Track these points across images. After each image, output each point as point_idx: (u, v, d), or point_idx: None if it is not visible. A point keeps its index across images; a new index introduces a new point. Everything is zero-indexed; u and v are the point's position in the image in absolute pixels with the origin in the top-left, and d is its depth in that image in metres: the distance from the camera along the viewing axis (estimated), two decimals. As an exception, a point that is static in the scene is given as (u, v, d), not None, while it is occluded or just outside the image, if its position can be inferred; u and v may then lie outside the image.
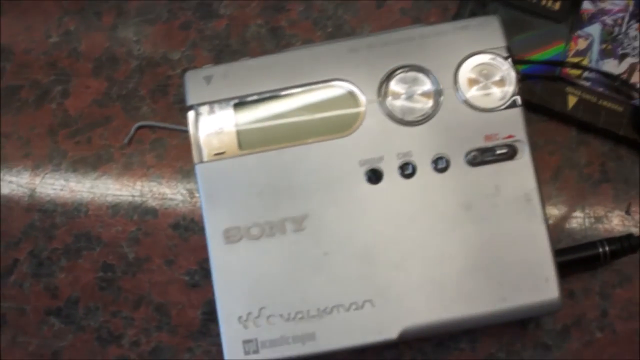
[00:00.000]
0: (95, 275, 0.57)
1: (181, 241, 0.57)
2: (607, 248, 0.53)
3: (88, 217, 0.57)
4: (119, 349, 0.56)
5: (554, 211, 0.56)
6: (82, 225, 0.57)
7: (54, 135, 0.59)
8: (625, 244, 0.53)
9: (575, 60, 0.57)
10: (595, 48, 0.57)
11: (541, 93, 0.56)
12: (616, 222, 0.56)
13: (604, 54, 0.57)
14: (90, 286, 0.56)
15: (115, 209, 0.57)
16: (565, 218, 0.56)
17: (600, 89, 0.56)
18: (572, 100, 0.56)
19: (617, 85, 0.56)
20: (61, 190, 0.58)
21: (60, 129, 0.59)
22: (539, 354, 0.54)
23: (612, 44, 0.57)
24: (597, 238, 0.54)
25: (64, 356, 0.56)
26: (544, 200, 0.49)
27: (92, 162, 0.58)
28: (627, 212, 0.56)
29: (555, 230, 0.56)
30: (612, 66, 0.56)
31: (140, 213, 0.57)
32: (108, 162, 0.58)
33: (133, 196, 0.58)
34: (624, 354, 0.54)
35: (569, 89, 0.56)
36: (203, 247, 0.50)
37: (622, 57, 0.57)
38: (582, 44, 0.57)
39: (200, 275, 0.56)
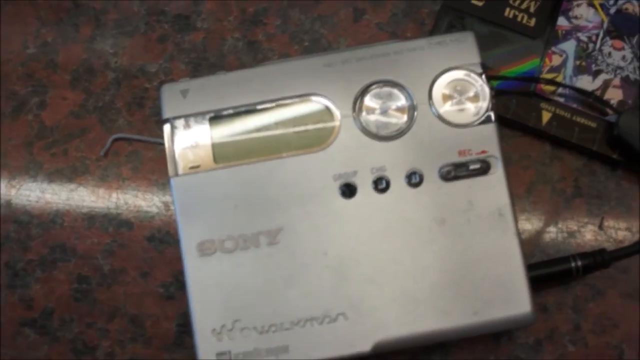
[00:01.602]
0: (71, 286, 0.56)
1: (156, 253, 0.57)
2: (579, 263, 0.53)
3: (63, 229, 0.57)
4: (94, 360, 0.56)
5: (527, 226, 0.57)
6: (57, 237, 0.57)
7: (30, 146, 0.59)
8: (598, 259, 0.53)
9: (550, 76, 0.57)
10: (570, 64, 0.57)
11: (515, 108, 0.57)
12: (589, 237, 0.56)
13: (578, 71, 0.57)
14: (65, 297, 0.56)
15: (91, 221, 0.57)
16: (538, 233, 0.56)
17: (574, 105, 0.57)
18: (546, 116, 0.57)
19: (591, 101, 0.56)
20: (37, 201, 0.58)
21: (36, 141, 0.59)
22: (512, 367, 0.55)
23: (586, 61, 0.57)
24: (570, 253, 0.54)
25: (38, 367, 0.56)
26: (517, 215, 0.50)
27: (68, 173, 0.58)
28: (600, 227, 0.56)
29: (529, 245, 0.56)
30: (586, 82, 0.57)
31: (116, 225, 0.57)
32: (84, 174, 0.58)
33: (108, 208, 0.58)
34: (597, 368, 0.55)
35: (543, 104, 0.57)
36: (178, 260, 0.50)
37: (596, 73, 0.57)
38: (556, 60, 0.57)
39: (175, 287, 0.56)
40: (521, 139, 0.58)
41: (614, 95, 0.57)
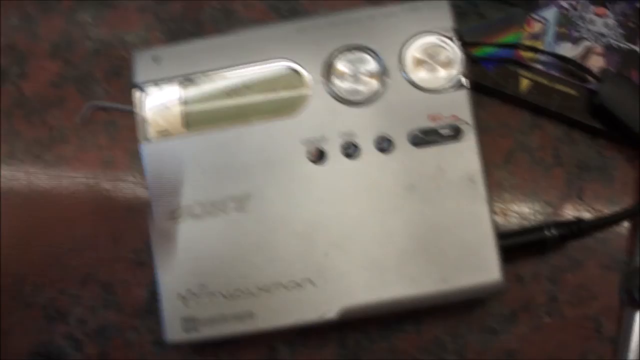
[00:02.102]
0: (43, 252, 0.57)
1: (129, 220, 0.57)
2: (553, 232, 0.52)
3: (42, 197, 0.58)
4: (66, 326, 0.56)
5: (505, 195, 0.56)
6: (35, 205, 0.58)
7: (9, 116, 0.59)
8: (574, 228, 0.52)
9: (530, 43, 0.56)
10: (551, 31, 0.56)
11: (494, 76, 0.56)
12: (569, 207, 0.55)
13: (560, 38, 0.56)
14: (37, 263, 0.57)
15: (68, 189, 0.58)
16: (516, 202, 0.55)
17: (555, 73, 0.56)
18: (524, 83, 0.56)
19: (572, 68, 0.55)
20: (16, 170, 0.58)
21: (15, 110, 0.59)
22: (485, 338, 0.54)
23: (567, 28, 0.56)
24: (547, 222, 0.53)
25: (10, 334, 0.56)
26: (488, 183, 0.49)
27: (47, 143, 0.58)
28: (580, 197, 0.55)
29: (506, 215, 0.55)
30: (567, 50, 0.56)
31: (93, 193, 0.57)
32: (62, 143, 0.58)
33: (86, 177, 0.58)
34: (573, 339, 0.54)
35: (521, 71, 0.56)
36: (150, 226, 0.50)
37: (578, 40, 0.56)
38: (536, 27, 0.56)
39: (147, 254, 0.56)
40: (500, 107, 0.57)
41: (596, 63, 0.56)
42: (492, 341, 0.54)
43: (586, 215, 0.55)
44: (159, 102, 0.51)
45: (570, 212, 0.55)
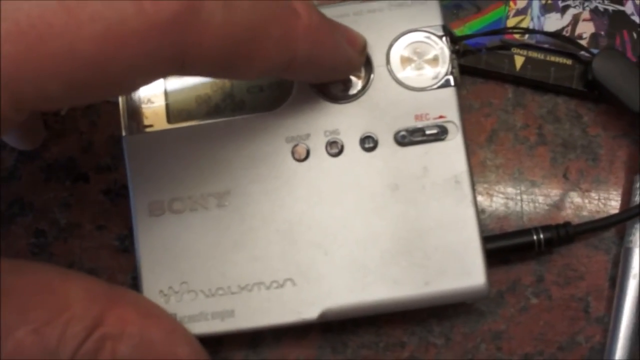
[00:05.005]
0: (28, 241, 0.56)
1: (112, 206, 0.56)
2: (541, 236, 0.52)
3: (21, 184, 0.57)
4: (50, 314, 0.56)
5: (490, 175, 0.56)
6: (15, 192, 0.57)
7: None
8: (562, 232, 0.52)
9: (516, 20, 0.56)
10: (536, 4, 0.56)
11: (487, 58, 0.55)
12: (553, 186, 0.55)
13: (545, 9, 0.56)
14: (23, 252, 0.56)
15: (48, 175, 0.57)
16: (501, 182, 0.55)
17: (546, 45, 0.55)
18: (519, 61, 0.55)
19: (561, 42, 0.55)
20: (-3, 158, 0.57)
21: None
22: (471, 319, 0.54)
23: (552, -2, 0.56)
24: (533, 202, 0.54)
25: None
26: (474, 183, 0.49)
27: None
28: (565, 176, 0.55)
29: (491, 195, 0.55)
30: (555, 20, 0.56)
31: (72, 179, 0.57)
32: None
33: (66, 162, 0.57)
34: (561, 320, 0.54)
35: (514, 49, 0.55)
36: (134, 213, 0.50)
37: (564, 9, 0.56)
38: (521, 3, 0.56)
39: (131, 241, 0.55)
40: (483, 86, 0.56)
41: (586, 29, 0.55)
42: (479, 323, 0.54)
43: (572, 194, 0.55)
44: (142, 95, 0.50)
45: (556, 190, 0.55)
